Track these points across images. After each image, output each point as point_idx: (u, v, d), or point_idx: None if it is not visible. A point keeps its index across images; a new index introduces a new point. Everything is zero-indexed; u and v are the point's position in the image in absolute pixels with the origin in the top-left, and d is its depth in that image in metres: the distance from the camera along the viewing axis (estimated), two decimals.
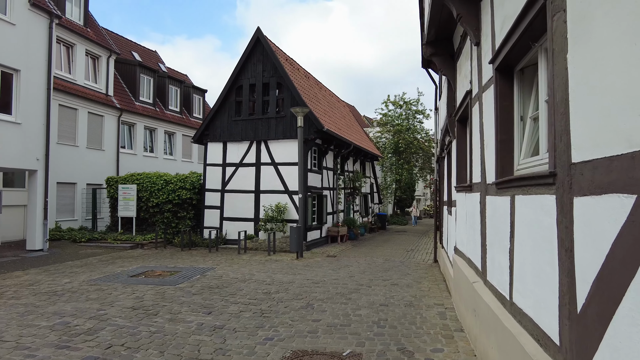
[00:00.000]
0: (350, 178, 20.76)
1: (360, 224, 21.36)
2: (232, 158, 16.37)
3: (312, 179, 15.89)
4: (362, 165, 23.79)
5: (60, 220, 17.31)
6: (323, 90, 21.36)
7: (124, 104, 20.88)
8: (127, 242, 15.36)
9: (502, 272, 3.88)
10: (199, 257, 12.96)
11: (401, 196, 33.28)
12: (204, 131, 16.72)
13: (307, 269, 10.92)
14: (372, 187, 26.11)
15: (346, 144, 18.42)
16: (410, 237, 21.32)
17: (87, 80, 19.10)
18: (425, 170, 34.10)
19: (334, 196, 18.51)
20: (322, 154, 17.07)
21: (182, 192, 16.25)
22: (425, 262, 12.64)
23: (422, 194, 50.17)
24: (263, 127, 15.95)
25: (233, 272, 10.16)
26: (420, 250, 16.05)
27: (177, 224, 16.42)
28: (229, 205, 16.24)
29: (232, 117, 16.40)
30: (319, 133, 15.31)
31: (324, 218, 16.94)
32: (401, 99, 32.16)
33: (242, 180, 16.12)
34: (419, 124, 32.57)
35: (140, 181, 16.74)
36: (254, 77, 16.16)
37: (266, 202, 15.63)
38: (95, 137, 19.30)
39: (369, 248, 16.39)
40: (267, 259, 12.76)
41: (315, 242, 16.04)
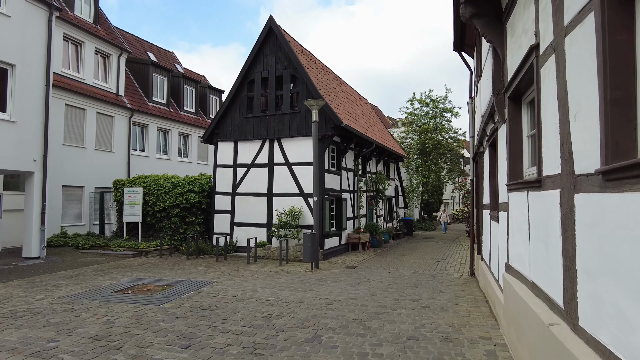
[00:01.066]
0: (372, 180, 19.06)
1: (384, 230, 19.60)
2: (243, 158, 14.99)
3: (329, 180, 14.32)
4: (385, 166, 22.03)
5: (66, 225, 16.35)
6: (343, 86, 19.79)
7: (135, 104, 19.91)
8: (130, 249, 14.17)
9: (629, 325, 2.19)
10: (202, 268, 11.57)
11: (428, 200, 31.21)
12: (213, 130, 15.42)
13: (321, 284, 9.32)
14: (396, 190, 24.29)
15: (368, 143, 16.76)
16: (439, 245, 19.39)
17: (96, 80, 18.20)
18: (454, 172, 31.93)
19: (354, 200, 16.86)
20: (341, 153, 15.46)
21: (191, 196, 14.97)
22: (460, 276, 10.83)
23: (450, 198, 47.71)
24: (276, 124, 14.51)
25: (233, 288, 8.66)
26: (452, 260, 14.17)
27: (186, 230, 15.14)
28: (240, 209, 14.84)
29: (244, 114, 15.03)
30: (336, 129, 13.73)
31: (343, 223, 15.31)
32: (427, 96, 30.21)
33: (254, 182, 14.71)
34: (447, 123, 30.48)
35: (147, 184, 15.58)
36: (267, 69, 14.76)
37: (279, 205, 14.14)
38: (104, 138, 18.35)
39: (393, 257, 14.64)
40: (277, 270, 11.24)
41: (333, 251, 14.42)
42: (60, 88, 16.10)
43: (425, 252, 16.48)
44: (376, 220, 19.64)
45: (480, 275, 9.20)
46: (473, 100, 11.29)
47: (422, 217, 32.01)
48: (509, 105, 5.25)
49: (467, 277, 10.55)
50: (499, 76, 5.89)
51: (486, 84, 7.19)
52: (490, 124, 7.36)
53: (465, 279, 10.38)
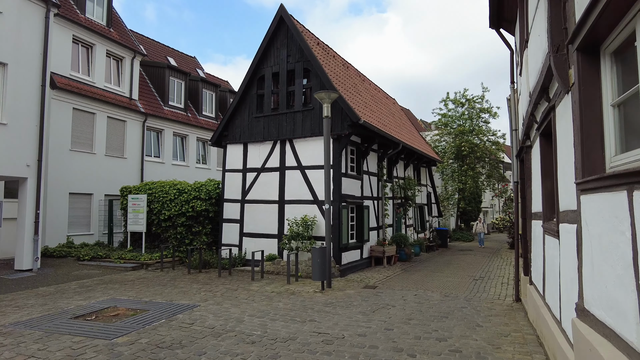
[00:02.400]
0: (400, 185, 17.09)
1: (414, 242, 17.52)
2: (253, 162, 13.51)
3: (348, 185, 12.56)
4: (415, 171, 19.97)
5: (73, 234, 15.46)
6: (366, 83, 18.02)
7: (149, 109, 19.01)
8: (131, 261, 12.96)
9: None
10: (197, 286, 10.07)
11: (465, 208, 28.62)
12: (222, 131, 14.07)
13: (326, 311, 7.55)
14: (429, 197, 22.10)
15: (393, 143, 14.86)
16: (477, 258, 17.08)
17: (107, 83, 17.41)
18: (493, 178, 29.21)
19: (378, 208, 14.97)
20: (362, 155, 13.67)
21: (197, 203, 13.63)
22: (503, 301, 8.73)
23: (489, 206, 44.46)
24: (288, 123, 12.95)
25: (216, 316, 7.05)
26: (492, 278, 11.98)
27: (192, 241, 13.80)
28: (250, 218, 13.33)
29: (253, 114, 13.59)
30: (354, 128, 11.98)
31: (365, 234, 13.46)
32: (462, 96, 27.83)
33: (264, 188, 13.18)
34: (485, 125, 27.95)
35: (152, 191, 14.42)
36: (277, 64, 13.27)
37: (292, 214, 12.52)
38: (115, 143, 17.48)
39: (423, 274, 12.61)
40: (281, 291, 9.56)
41: (353, 266, 12.59)
42: (67, 91, 15.34)
43: (460, 267, 14.30)
44: (405, 231, 17.62)
45: (530, 304, 7.12)
46: (515, 87, 9.23)
47: (458, 226, 29.43)
48: (580, 61, 3.36)
49: (512, 304, 8.45)
50: (558, 25, 3.99)
51: (536, 48, 5.25)
52: (541, 104, 5.40)
53: (509, 305, 8.28)
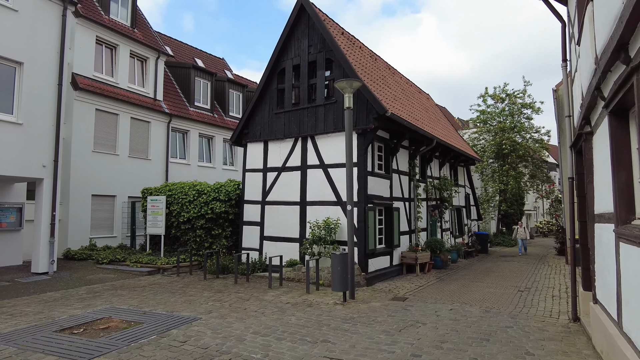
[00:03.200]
0: (434, 186, 15.71)
1: (451, 247, 16.06)
2: (273, 161, 12.64)
3: (375, 185, 11.41)
4: (452, 170, 18.46)
5: (95, 237, 15.17)
6: (397, 77, 16.78)
7: (174, 109, 18.64)
8: (148, 265, 12.38)
9: None
10: (209, 294, 9.25)
11: (507, 210, 26.56)
12: (242, 129, 13.30)
13: (344, 330, 6.47)
14: (467, 198, 20.46)
15: (426, 139, 13.56)
16: (522, 266, 15.38)
17: (131, 84, 17.14)
18: (537, 178, 26.98)
19: (410, 210, 13.69)
20: (391, 152, 12.47)
21: (216, 205, 12.91)
22: (556, 320, 7.31)
23: (533, 208, 41.64)
24: (309, 118, 11.98)
25: (215, 332, 6.13)
26: (540, 290, 10.45)
27: (212, 244, 13.09)
28: (270, 220, 12.45)
29: (274, 110, 12.73)
30: (381, 121, 10.83)
31: (395, 239, 12.24)
32: (502, 91, 25.89)
33: (285, 188, 12.26)
34: (527, 121, 25.86)
35: (172, 192, 13.86)
36: (298, 55, 12.35)
37: (314, 216, 11.52)
38: (139, 145, 17.16)
39: (460, 284, 11.24)
40: (297, 301, 8.55)
41: (381, 274, 11.41)
42: (90, 92, 15.11)
43: (503, 276, 12.77)
44: (441, 236, 16.18)
45: (596, 328, 5.72)
46: (567, 67, 7.77)
47: (499, 230, 27.40)
48: None
49: (568, 324, 7.02)
50: None
51: None
52: (614, 70, 4.10)
53: (565, 326, 6.87)
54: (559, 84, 16.07)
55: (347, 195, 9.09)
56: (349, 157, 9.07)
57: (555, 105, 16.11)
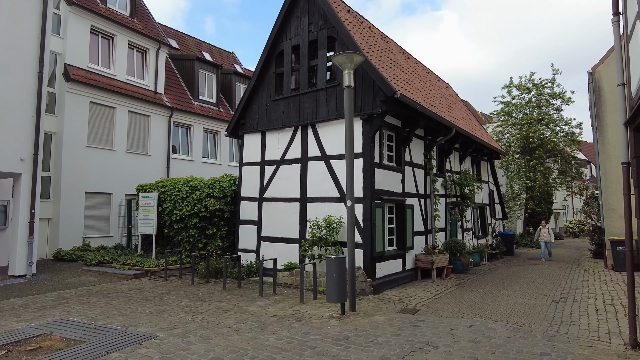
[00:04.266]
0: (454, 181, 14.07)
1: (473, 249, 14.37)
2: (272, 153, 11.33)
3: (384, 178, 9.93)
4: (474, 165, 16.73)
5: (90, 236, 14.22)
6: (412, 62, 15.18)
7: (177, 103, 17.60)
8: (136, 267, 11.27)
9: None
10: (188, 302, 7.99)
11: (534, 209, 24.46)
12: (238, 119, 12.05)
13: (332, 356, 5.06)
14: (491, 196, 18.64)
15: (444, 128, 11.97)
16: (553, 270, 13.57)
17: (130, 76, 16.17)
18: (567, 175, 24.75)
19: (426, 207, 12.13)
20: (403, 141, 10.96)
21: (210, 202, 11.69)
22: (607, 344, 5.68)
23: (561, 207, 38.98)
24: (310, 104, 10.61)
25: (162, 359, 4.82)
26: (579, 300, 8.74)
27: (206, 245, 11.88)
28: (268, 219, 11.15)
29: (272, 97, 11.42)
30: (389, 104, 9.35)
31: (408, 240, 10.72)
32: (529, 80, 23.84)
33: (284, 183, 10.93)
34: (556, 113, 23.70)
35: (165, 188, 12.74)
36: (298, 34, 10.99)
37: (315, 214, 10.14)
38: (138, 140, 16.17)
39: (482, 292, 9.64)
40: (286, 314, 7.18)
41: (391, 280, 9.92)
42: (84, 84, 14.17)
43: (532, 282, 11.06)
44: (462, 236, 14.52)
45: None
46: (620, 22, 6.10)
47: (526, 231, 25.31)
48: None
49: (625, 351, 5.40)
50: None
51: None
52: None
53: (622, 355, 5.25)
54: (596, 66, 14.17)
55: (347, 188, 7.67)
56: (349, 142, 7.64)
57: (592, 90, 14.21)
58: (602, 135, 13.91)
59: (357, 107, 9.66)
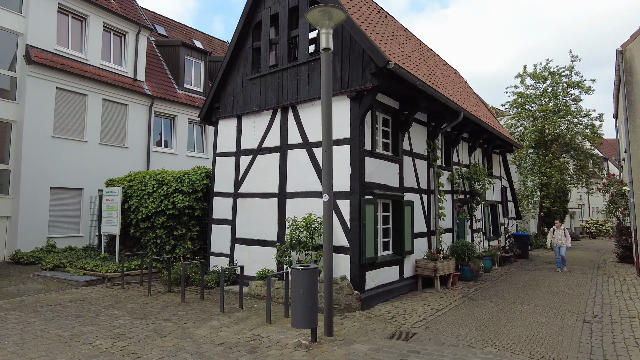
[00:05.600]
0: (463, 175, 12.25)
1: (484, 253, 12.53)
2: (248, 141, 9.66)
3: (377, 169, 8.19)
4: (485, 157, 14.85)
5: (56, 236, 12.71)
6: (414, 41, 13.35)
7: (158, 91, 16.03)
8: (92, 272, 9.68)
9: None
10: (126, 321, 6.35)
11: (550, 208, 22.42)
12: (211, 103, 10.41)
13: None
14: (504, 193, 16.74)
15: (450, 112, 10.17)
16: (576, 277, 11.67)
17: (105, 61, 14.63)
18: (586, 171, 22.64)
19: (430, 205, 10.35)
20: (401, 126, 9.19)
21: (178, 198, 10.06)
22: None
23: (577, 206, 36.66)
24: (290, 82, 8.90)
25: None
26: (620, 321, 6.89)
27: (175, 247, 10.24)
28: (243, 218, 9.48)
29: (248, 75, 9.75)
30: (381, 78, 7.59)
31: (406, 243, 8.95)
32: (545, 68, 21.81)
33: (262, 176, 9.25)
34: (574, 104, 21.63)
35: (132, 183, 11.15)
36: (277, 2, 9.29)
37: (295, 211, 8.44)
38: (114, 130, 14.63)
39: (495, 307, 7.84)
40: (241, 340, 5.49)
41: (385, 291, 8.16)
42: (48, 67, 12.66)
43: (554, 293, 9.21)
44: (471, 238, 12.69)
45: None
46: None
47: (541, 231, 23.29)
48: None
49: None
50: None
51: None
52: None
53: None
54: (627, 43, 12.21)
55: (324, 178, 5.95)
56: (327, 122, 5.91)
57: (621, 71, 12.26)
58: (634, 122, 11.97)
59: (343, 83, 7.93)
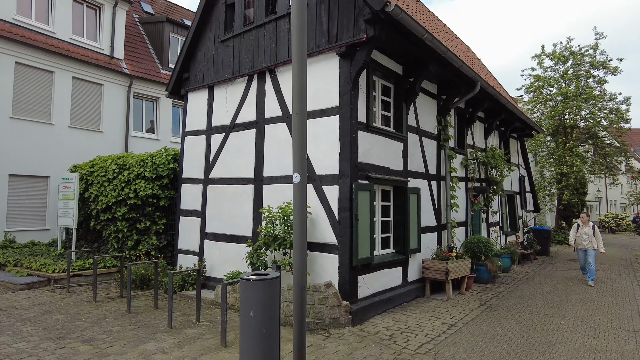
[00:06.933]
0: (478, 159, 10.41)
1: (502, 250, 10.70)
2: (220, 116, 7.93)
3: (375, 148, 6.42)
4: (502, 142, 12.95)
5: (16, 230, 11.14)
6: (421, 6, 11.43)
7: (139, 71, 14.36)
8: (38, 272, 8.07)
9: None
10: (35, 341, 4.71)
11: (570, 200, 20.37)
12: (180, 73, 8.70)
13: None
14: (521, 182, 14.82)
15: (465, 83, 8.32)
16: (610, 278, 9.79)
17: (77, 35, 12.97)
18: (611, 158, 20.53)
19: (439, 193, 8.54)
20: (406, 96, 7.37)
21: (140, 185, 8.39)
22: None
23: (594, 199, 34.42)
24: (268, 41, 7.14)
25: None
26: None
27: (138, 242, 8.59)
28: (214, 209, 7.78)
29: (220, 37, 8.00)
30: (379, 28, 5.77)
31: (411, 240, 7.19)
32: (566, 48, 19.68)
33: (235, 157, 7.54)
34: (598, 86, 19.47)
35: (93, 169, 9.52)
36: None
37: (273, 200, 6.72)
38: (87, 112, 13.00)
39: (524, 321, 6.04)
40: None
41: (384, 300, 6.42)
42: (6, 39, 11.04)
43: (592, 300, 7.39)
44: (487, 233, 10.88)
45: None
46: None
47: (559, 226, 21.28)
48: None
49: None
50: None
51: None
52: None
53: None
54: None
55: (294, 151, 4.19)
56: (299, 65, 4.14)
57: None
58: None
59: (330, 37, 6.14)
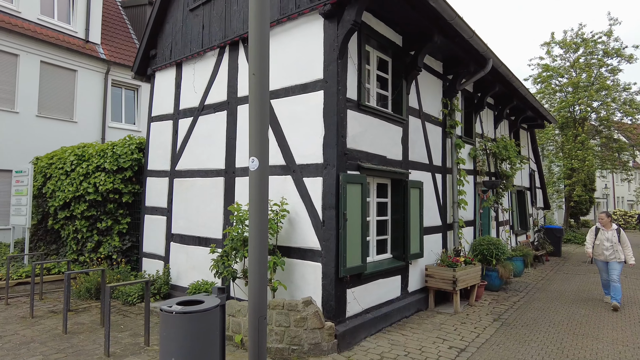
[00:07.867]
0: (488, 150, 9.17)
1: (514, 251, 9.48)
2: (188, 98, 6.73)
3: (368, 132, 5.21)
4: (512, 132, 11.70)
5: None
6: None
7: (117, 56, 13.16)
8: None
9: None
10: None
11: (580, 197, 19.10)
12: (146, 50, 7.50)
13: None
14: (532, 177, 13.58)
15: (475, 60, 7.08)
16: (636, 283, 8.58)
17: (46, 16, 11.78)
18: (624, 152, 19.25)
19: (445, 188, 7.33)
20: (406, 72, 6.14)
21: (99, 179, 7.19)
22: None
23: (602, 196, 33.08)
24: (241, 4, 5.93)
25: None
26: None
27: (99, 244, 7.40)
28: (181, 205, 6.59)
29: (189, 5, 6.79)
30: None
31: (411, 243, 5.98)
32: (577, 35, 18.36)
33: (204, 145, 6.33)
34: (611, 76, 18.15)
35: (52, 160, 8.34)
36: None
37: (247, 195, 5.52)
38: (58, 100, 11.82)
39: (551, 342, 4.83)
40: None
41: (379, 317, 5.22)
42: None
43: (627, 315, 6.17)
44: (497, 233, 9.66)
45: None
46: None
47: (568, 223, 20.02)
48: None
49: None
50: None
51: None
52: None
53: None
54: None
55: (251, 125, 2.99)
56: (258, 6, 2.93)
57: None
58: None
59: None
